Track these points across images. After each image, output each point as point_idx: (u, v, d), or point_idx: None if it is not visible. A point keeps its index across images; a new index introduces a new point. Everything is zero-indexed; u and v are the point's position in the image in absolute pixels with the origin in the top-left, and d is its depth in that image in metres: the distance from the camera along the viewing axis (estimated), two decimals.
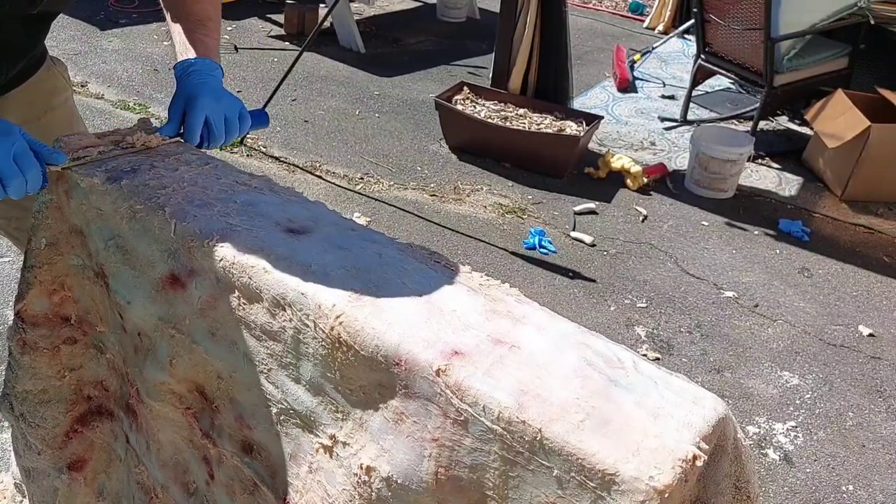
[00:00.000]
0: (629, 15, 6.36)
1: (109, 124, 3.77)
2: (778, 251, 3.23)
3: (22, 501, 1.56)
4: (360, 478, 0.86)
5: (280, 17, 5.40)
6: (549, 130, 3.65)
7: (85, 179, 1.07)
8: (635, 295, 2.88)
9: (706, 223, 3.40)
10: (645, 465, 0.68)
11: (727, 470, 0.76)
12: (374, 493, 0.85)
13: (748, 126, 4.11)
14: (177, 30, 1.28)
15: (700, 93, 4.55)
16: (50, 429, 1.27)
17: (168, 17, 1.31)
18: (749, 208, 3.54)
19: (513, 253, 3.08)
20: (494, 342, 0.82)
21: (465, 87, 3.95)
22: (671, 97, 4.66)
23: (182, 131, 1.18)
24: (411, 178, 3.60)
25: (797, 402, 2.44)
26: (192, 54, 1.23)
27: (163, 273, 1.02)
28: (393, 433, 0.83)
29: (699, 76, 4.31)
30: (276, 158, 3.68)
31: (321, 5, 5.34)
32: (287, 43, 5.11)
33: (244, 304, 0.94)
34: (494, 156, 3.75)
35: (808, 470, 2.19)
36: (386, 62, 4.94)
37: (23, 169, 0.97)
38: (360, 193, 3.42)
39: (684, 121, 4.32)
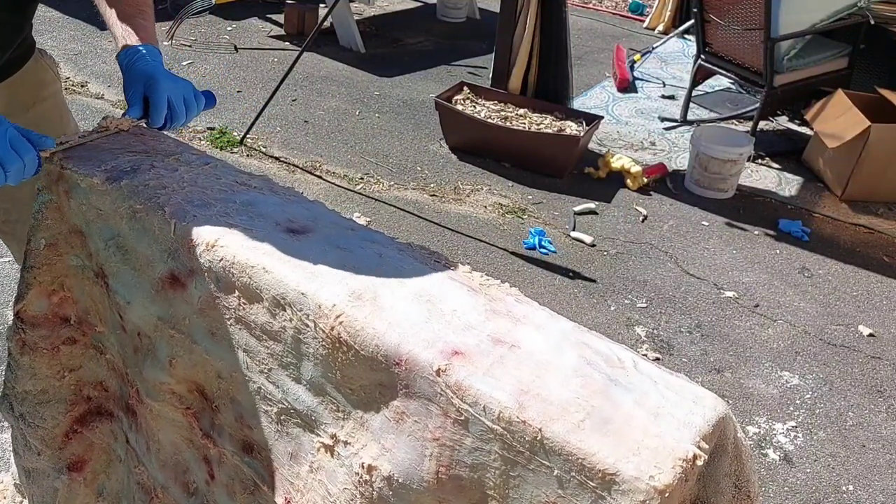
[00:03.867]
0: (629, 15, 6.36)
1: None
2: (778, 251, 3.23)
3: (22, 502, 1.55)
4: (361, 477, 0.86)
5: (280, 17, 5.40)
6: (549, 130, 3.65)
7: (85, 179, 1.07)
8: (635, 295, 2.88)
9: (706, 223, 3.40)
10: (645, 464, 0.68)
11: (727, 469, 0.76)
12: (375, 492, 0.85)
13: (748, 126, 4.11)
14: (113, 17, 1.29)
15: (700, 93, 4.55)
16: (49, 429, 1.27)
17: (102, 4, 1.32)
18: (749, 208, 3.54)
19: (513, 253, 3.08)
20: (494, 342, 0.82)
21: (465, 87, 3.95)
22: (671, 97, 4.66)
23: (146, 114, 1.20)
24: (411, 178, 3.60)
25: (797, 402, 2.44)
26: (134, 40, 1.25)
27: (162, 273, 1.02)
28: (394, 432, 0.83)
29: (699, 76, 4.31)
30: (276, 158, 3.68)
31: (321, 5, 5.34)
32: (287, 43, 5.11)
33: (244, 303, 0.94)
34: (494, 156, 3.75)
35: (808, 470, 2.19)
36: (386, 62, 4.94)
37: (20, 153, 1.00)
38: (360, 193, 3.42)
39: (684, 121, 4.32)
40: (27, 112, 1.34)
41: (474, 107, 3.83)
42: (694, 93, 4.34)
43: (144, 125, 1.21)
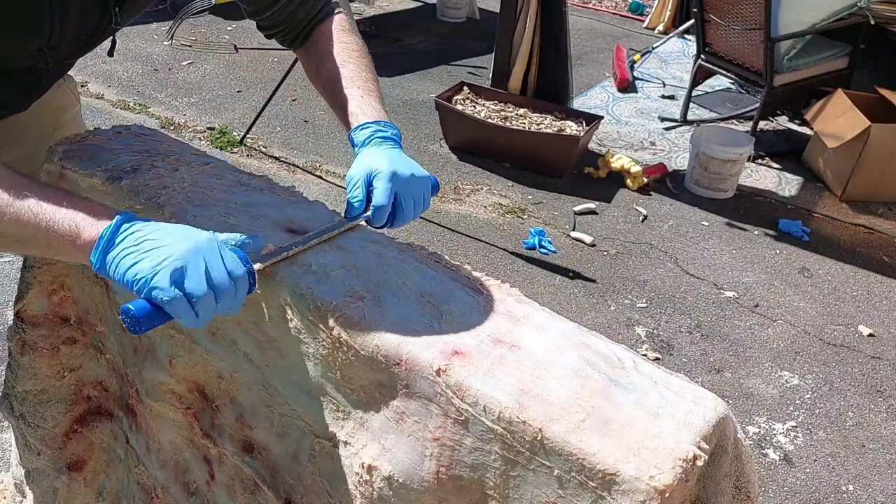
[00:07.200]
0: (629, 15, 6.35)
1: (109, 124, 3.76)
2: (778, 251, 3.23)
3: (22, 501, 1.55)
4: (361, 477, 0.86)
5: None
6: (549, 130, 3.65)
7: (85, 179, 1.07)
8: (635, 295, 2.88)
9: (706, 223, 3.40)
10: (645, 464, 0.68)
11: (727, 470, 0.76)
12: (375, 493, 0.85)
13: (748, 126, 4.11)
14: (334, 96, 1.16)
15: (700, 93, 4.55)
16: (50, 429, 1.27)
17: (318, 86, 1.20)
18: (749, 208, 3.54)
19: (513, 253, 3.08)
20: (495, 342, 0.82)
21: (465, 87, 3.95)
22: (671, 97, 4.66)
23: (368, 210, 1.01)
24: None
25: (797, 402, 2.44)
26: (363, 119, 1.10)
27: None
28: (394, 432, 0.83)
29: (699, 76, 4.31)
30: (276, 158, 3.68)
31: None
32: None
33: (244, 303, 0.94)
34: (494, 156, 3.75)
35: (808, 470, 2.19)
36: (386, 62, 4.94)
37: (233, 277, 0.80)
38: None
39: (684, 121, 4.32)
40: (48, 138, 1.28)
41: (474, 107, 3.83)
42: (694, 93, 4.34)
43: (365, 223, 1.03)
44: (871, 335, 2.76)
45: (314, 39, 1.22)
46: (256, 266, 0.85)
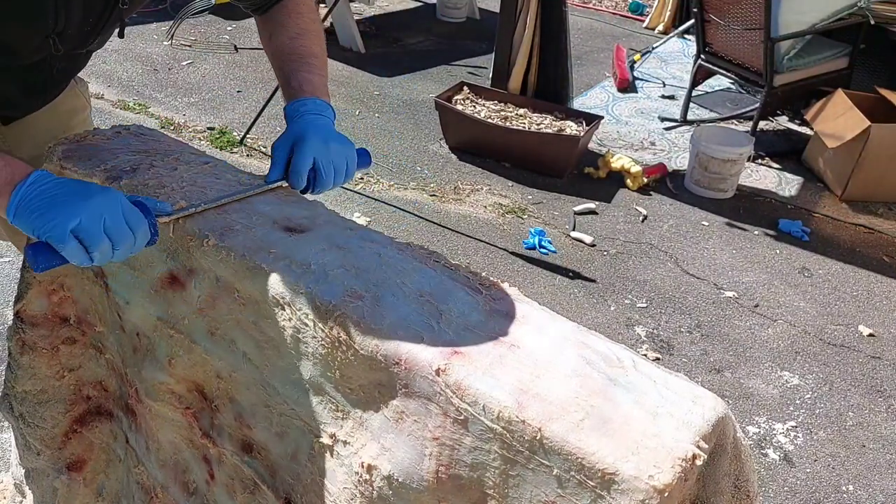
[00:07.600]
0: (629, 15, 6.35)
1: (109, 124, 3.76)
2: (778, 251, 3.23)
3: (22, 501, 1.55)
4: (361, 476, 0.86)
5: None
6: (549, 130, 3.65)
7: (84, 178, 1.07)
8: (635, 295, 2.88)
9: (706, 223, 3.40)
10: (644, 464, 0.68)
11: (727, 469, 0.76)
12: (375, 492, 0.85)
13: (748, 126, 4.11)
14: (280, 68, 1.23)
15: (700, 93, 4.55)
16: (49, 429, 1.27)
17: (268, 55, 1.28)
18: (749, 208, 3.54)
19: (513, 253, 3.08)
20: (494, 342, 0.82)
21: (465, 87, 3.95)
22: (671, 97, 4.66)
23: (287, 175, 1.10)
24: (411, 178, 3.60)
25: (797, 402, 2.44)
26: (300, 94, 1.18)
27: (162, 273, 1.02)
28: (393, 432, 0.83)
29: (699, 76, 4.31)
30: None
31: (321, 5, 5.34)
32: None
33: (243, 303, 0.94)
34: (494, 156, 3.75)
35: (808, 470, 2.19)
36: (386, 62, 4.94)
37: (132, 227, 0.89)
38: (359, 193, 3.42)
39: (684, 121, 4.32)
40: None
41: (474, 107, 3.83)
42: (694, 93, 4.34)
43: (284, 186, 1.10)
44: (871, 335, 2.76)
45: (276, 10, 1.28)
46: (162, 219, 0.95)
